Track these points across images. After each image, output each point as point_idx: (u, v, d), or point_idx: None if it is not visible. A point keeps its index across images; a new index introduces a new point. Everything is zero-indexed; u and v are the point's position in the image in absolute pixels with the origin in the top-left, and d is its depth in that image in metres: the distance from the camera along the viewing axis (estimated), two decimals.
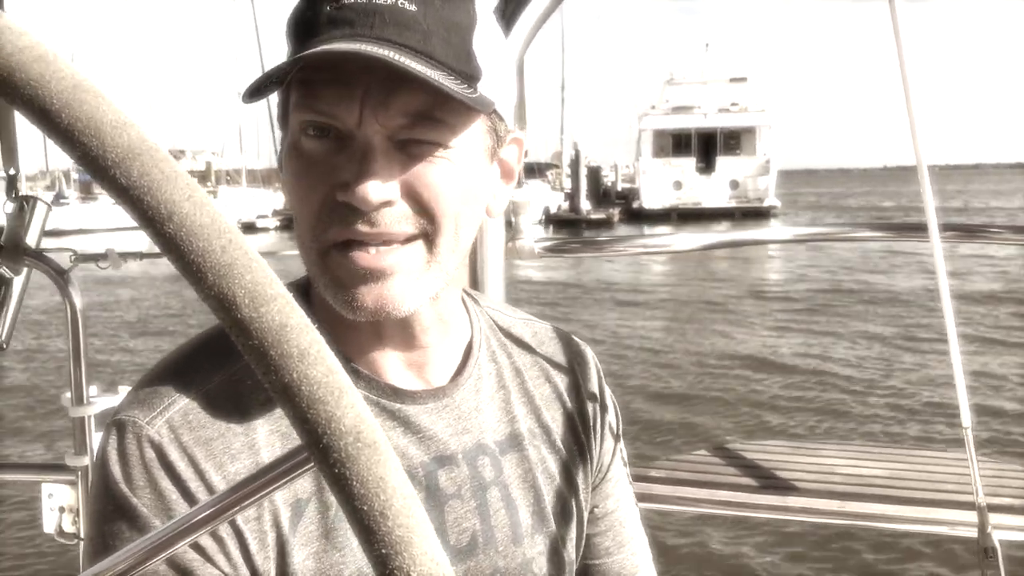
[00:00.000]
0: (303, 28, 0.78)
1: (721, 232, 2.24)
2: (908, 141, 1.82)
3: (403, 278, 0.80)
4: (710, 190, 42.19)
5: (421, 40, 0.76)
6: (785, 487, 2.26)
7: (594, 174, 45.61)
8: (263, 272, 0.35)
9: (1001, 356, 10.44)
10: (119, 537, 0.75)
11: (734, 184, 42.85)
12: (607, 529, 1.08)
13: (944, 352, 1.89)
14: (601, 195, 45.50)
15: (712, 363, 10.77)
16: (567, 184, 42.90)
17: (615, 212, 40.79)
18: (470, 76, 0.78)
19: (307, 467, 0.40)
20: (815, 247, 22.98)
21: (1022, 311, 13.39)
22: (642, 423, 7.99)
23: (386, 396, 0.88)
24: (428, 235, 0.81)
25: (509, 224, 1.89)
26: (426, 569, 0.35)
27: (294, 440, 0.39)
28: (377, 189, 0.76)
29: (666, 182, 42.63)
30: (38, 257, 2.04)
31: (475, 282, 1.72)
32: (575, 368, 1.07)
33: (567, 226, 37.23)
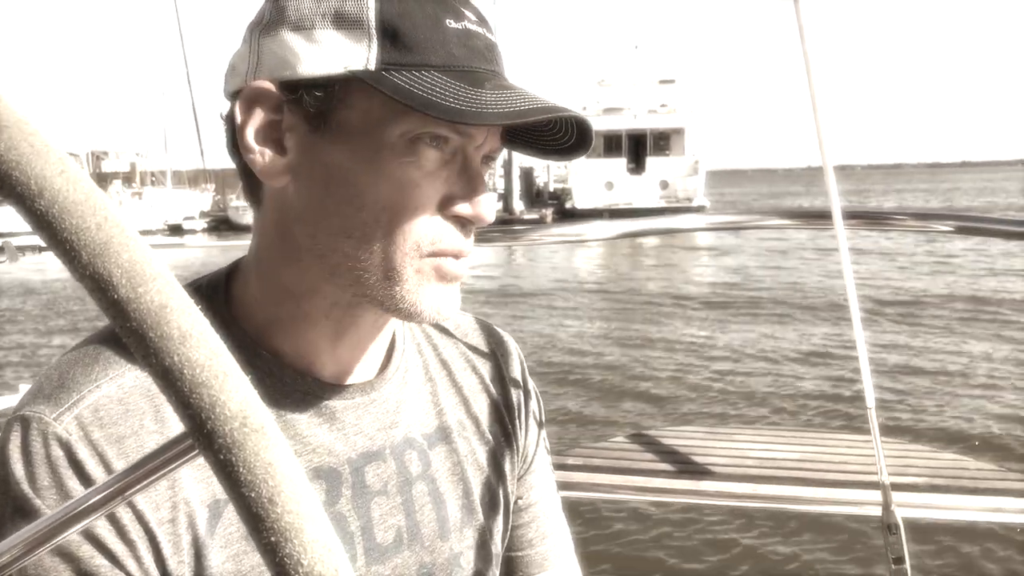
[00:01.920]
0: (428, 40, 0.75)
1: (634, 222, 2.26)
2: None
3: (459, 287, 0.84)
4: (641, 190, 42.66)
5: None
6: (700, 472, 2.30)
7: (527, 175, 45.76)
8: (141, 251, 0.34)
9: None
10: None
11: (664, 184, 43.41)
12: (530, 520, 1.07)
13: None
14: (534, 196, 45.67)
15: (634, 352, 10.94)
16: (500, 185, 42.99)
17: (548, 212, 40.98)
18: None
19: (191, 455, 0.38)
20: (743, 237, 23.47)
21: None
22: (561, 412, 8.06)
23: (315, 391, 0.85)
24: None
25: None
26: (317, 556, 0.34)
27: None
28: (491, 207, 0.81)
29: (598, 182, 43.00)
30: None
31: None
32: (499, 357, 1.06)
33: (501, 226, 37.34)
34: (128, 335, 0.34)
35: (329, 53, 0.75)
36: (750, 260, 21.70)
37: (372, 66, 0.74)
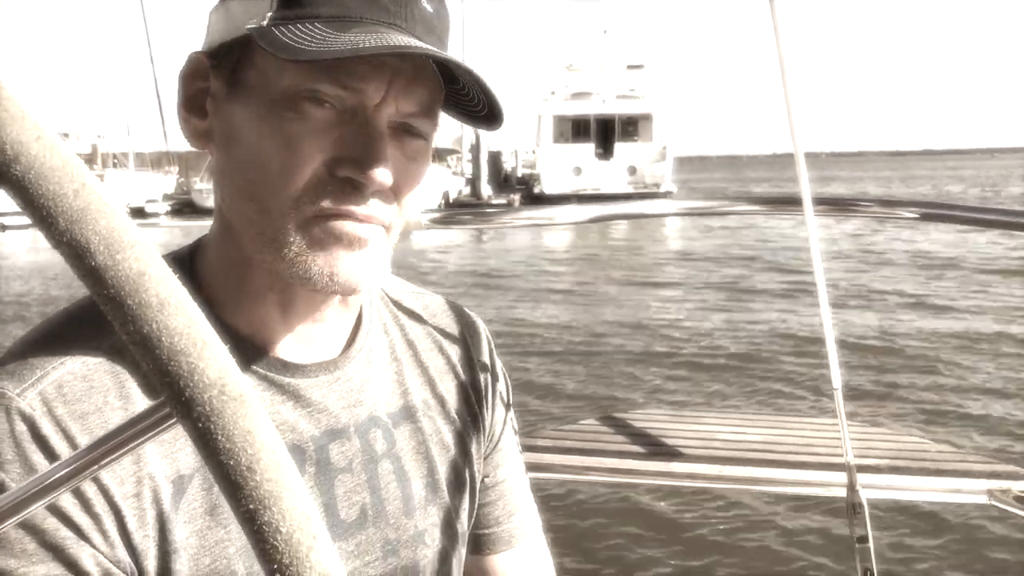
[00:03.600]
0: None
1: (604, 206, 2.27)
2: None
3: (375, 257, 0.81)
4: (609, 176, 42.71)
5: (436, 42, 0.79)
6: (669, 453, 2.32)
7: (495, 159, 45.66)
8: (119, 218, 0.34)
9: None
10: None
11: (632, 170, 43.52)
12: (497, 498, 1.09)
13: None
14: (502, 180, 45.61)
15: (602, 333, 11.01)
16: (468, 169, 42.85)
17: (516, 198, 40.91)
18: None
19: (169, 423, 0.38)
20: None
21: None
22: (533, 391, 8.10)
23: (276, 370, 0.86)
24: (390, 224, 0.83)
25: None
26: (296, 523, 0.34)
27: None
28: (386, 172, 0.77)
29: (566, 168, 42.99)
30: None
31: None
32: (467, 338, 1.07)
33: (470, 209, 37.26)
34: (106, 302, 0.33)
35: (238, 17, 0.78)
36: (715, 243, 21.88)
37: (265, 23, 0.75)
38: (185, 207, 37.99)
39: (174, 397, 0.34)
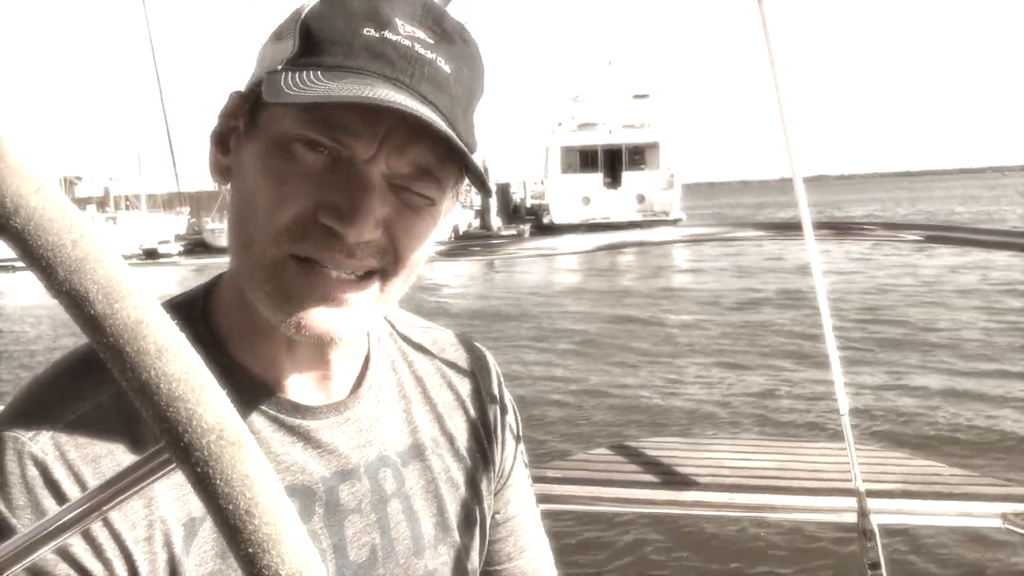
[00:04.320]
0: (334, 43, 0.75)
1: (608, 235, 2.28)
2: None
3: (355, 309, 0.79)
4: (618, 204, 42.81)
5: (448, 104, 0.77)
6: (679, 482, 2.32)
7: (504, 191, 45.86)
8: (117, 267, 0.34)
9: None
10: None
11: (640, 198, 43.59)
12: (508, 535, 1.08)
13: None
14: (511, 212, 45.76)
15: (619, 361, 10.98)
16: (477, 202, 43.00)
17: (526, 228, 40.98)
18: (469, 147, 0.79)
19: (168, 468, 0.39)
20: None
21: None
22: (538, 424, 8.07)
23: (286, 411, 0.86)
24: (387, 272, 0.81)
25: None
26: (295, 567, 0.34)
27: None
28: (369, 228, 0.76)
29: (575, 197, 43.12)
30: None
31: None
32: (476, 372, 1.06)
33: (478, 241, 37.29)
34: (105, 350, 0.34)
35: (267, 59, 0.80)
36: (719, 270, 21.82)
37: (280, 67, 0.77)
38: (197, 247, 38.18)
39: (173, 442, 0.34)
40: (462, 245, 2.15)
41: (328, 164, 0.76)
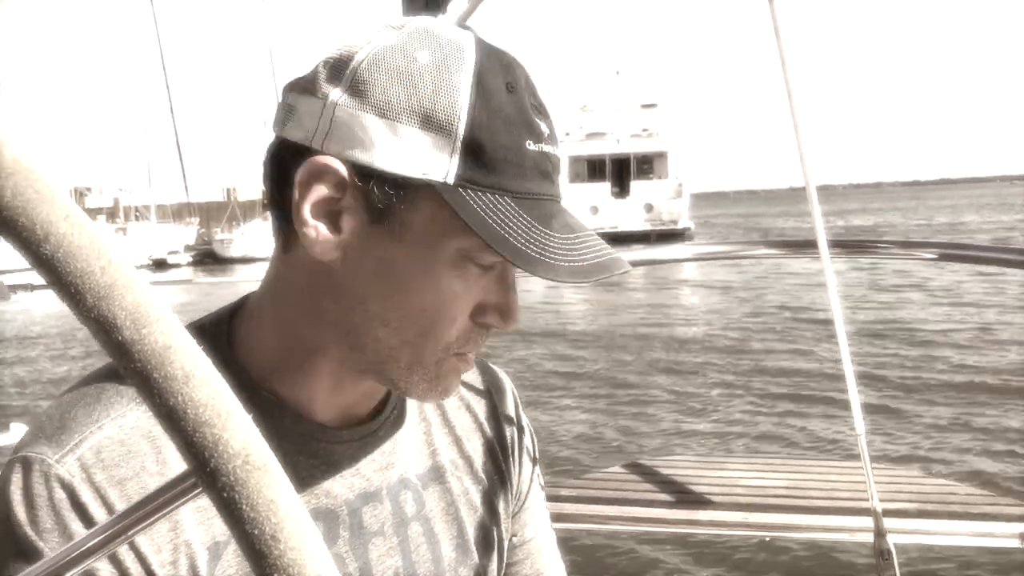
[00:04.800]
0: (507, 162, 0.76)
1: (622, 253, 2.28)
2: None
3: None
4: (626, 214, 42.90)
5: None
6: (693, 501, 2.31)
7: None
8: (144, 293, 0.34)
9: None
10: None
11: (649, 207, 43.68)
12: (525, 558, 1.07)
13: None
14: None
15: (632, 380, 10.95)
16: None
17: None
18: None
19: (195, 493, 0.39)
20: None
21: None
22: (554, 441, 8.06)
23: (312, 435, 0.86)
24: None
25: None
26: None
27: None
28: (519, 315, 0.84)
29: (583, 207, 43.19)
30: None
31: None
32: (493, 394, 1.06)
33: None
34: (133, 376, 0.34)
35: (410, 153, 0.75)
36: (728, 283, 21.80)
37: (451, 179, 0.74)
38: (206, 257, 38.34)
39: (200, 467, 0.35)
40: None
41: (482, 270, 0.80)
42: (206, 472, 0.34)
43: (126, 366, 0.34)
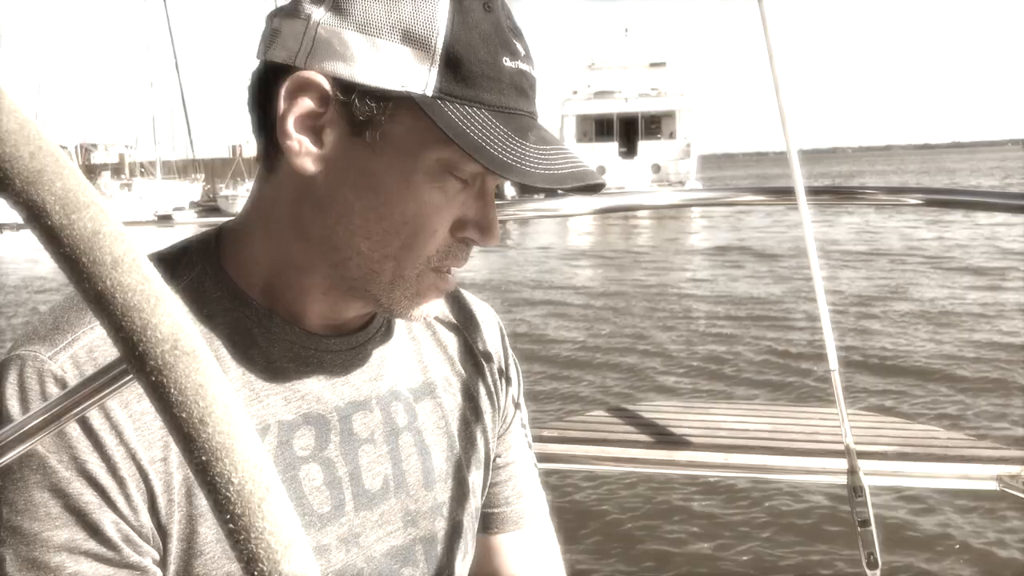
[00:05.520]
0: (485, 77, 0.78)
1: (609, 197, 2.29)
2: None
3: None
4: (633, 174, 42.59)
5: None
6: (674, 442, 2.33)
7: None
8: (75, 179, 0.34)
9: None
10: (11, 476, 0.73)
11: (656, 168, 43.42)
12: (508, 479, 1.10)
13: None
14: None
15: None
16: None
17: (541, 197, 40.72)
18: None
19: (126, 379, 0.40)
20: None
21: None
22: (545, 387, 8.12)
23: (301, 342, 0.88)
24: None
25: None
26: (248, 474, 0.35)
27: None
28: (498, 231, 0.86)
29: (590, 166, 42.94)
30: None
31: None
32: (480, 322, 1.09)
33: None
34: (61, 261, 0.34)
35: (390, 67, 0.77)
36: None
37: (429, 92, 0.77)
38: (211, 213, 38.30)
39: (129, 352, 0.35)
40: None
41: (465, 182, 0.82)
42: (135, 356, 0.34)
43: (55, 251, 0.34)
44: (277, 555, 0.35)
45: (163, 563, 0.78)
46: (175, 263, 0.87)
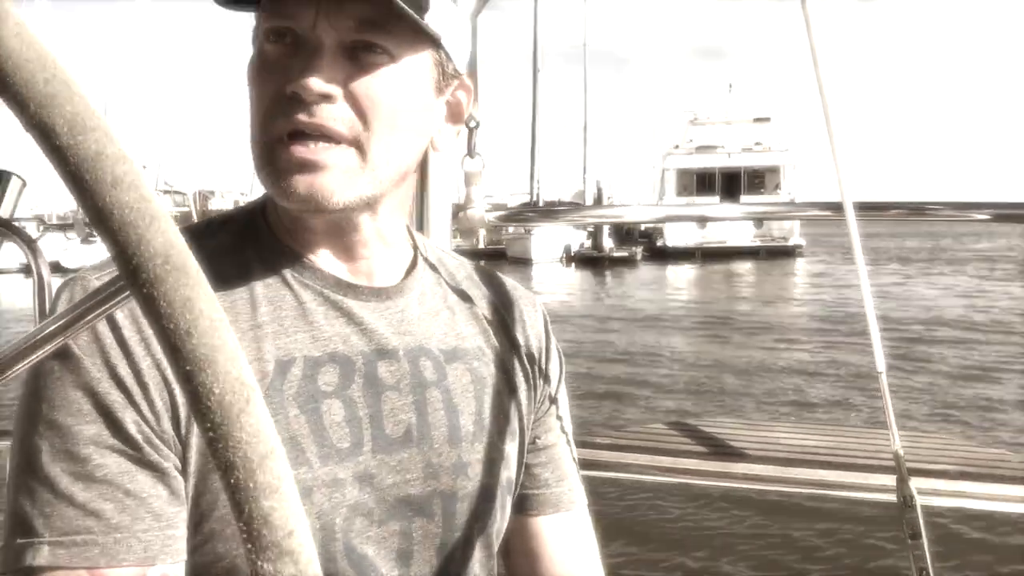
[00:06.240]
0: None
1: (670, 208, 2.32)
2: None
3: (335, 173, 0.84)
4: (735, 229, 41.93)
5: None
6: (729, 455, 2.31)
7: None
8: (84, 105, 0.38)
9: None
10: (50, 376, 0.80)
11: (759, 223, 42.61)
12: (547, 461, 1.10)
13: None
14: (624, 234, 45.32)
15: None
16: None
17: (638, 250, 40.52)
18: (417, 5, 0.83)
19: (125, 295, 0.46)
20: None
21: None
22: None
23: (330, 286, 0.93)
24: (361, 143, 0.85)
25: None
26: (229, 385, 0.37)
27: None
28: (319, 81, 0.82)
29: (690, 221, 42.53)
30: (8, 227, 2.12)
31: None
32: (521, 305, 1.11)
33: (590, 264, 37.15)
34: (67, 179, 0.38)
35: None
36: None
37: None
38: None
39: (124, 266, 0.37)
40: (520, 211, 2.23)
41: (290, 49, 0.85)
42: (129, 270, 0.37)
43: (62, 170, 0.38)
44: (253, 464, 0.36)
45: (184, 473, 0.82)
46: (230, 218, 0.97)
